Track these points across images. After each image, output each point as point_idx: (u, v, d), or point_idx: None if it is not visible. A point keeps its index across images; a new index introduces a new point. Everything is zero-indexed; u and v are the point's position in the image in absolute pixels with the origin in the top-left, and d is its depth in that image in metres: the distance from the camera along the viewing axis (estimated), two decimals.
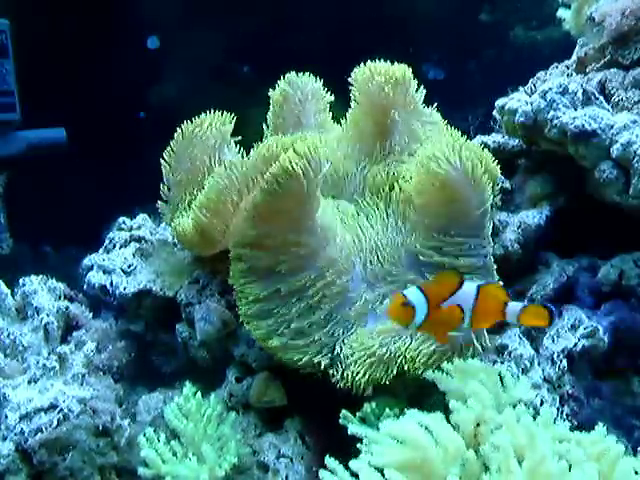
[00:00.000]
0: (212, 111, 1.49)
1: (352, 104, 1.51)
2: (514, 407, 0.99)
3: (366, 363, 1.21)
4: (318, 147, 1.21)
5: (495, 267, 1.29)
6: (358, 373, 1.21)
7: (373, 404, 1.19)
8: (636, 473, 0.89)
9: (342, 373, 1.23)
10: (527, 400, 1.08)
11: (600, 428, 0.97)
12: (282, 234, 1.25)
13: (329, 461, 0.99)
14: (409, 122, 1.46)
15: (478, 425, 0.96)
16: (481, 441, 0.94)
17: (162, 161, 1.49)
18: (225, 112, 1.49)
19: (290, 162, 1.18)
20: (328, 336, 1.25)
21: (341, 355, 1.24)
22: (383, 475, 0.87)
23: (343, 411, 1.19)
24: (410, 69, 1.45)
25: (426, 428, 0.92)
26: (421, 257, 1.28)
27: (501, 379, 1.08)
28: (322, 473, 0.98)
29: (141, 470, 1.20)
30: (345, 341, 1.25)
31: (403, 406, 1.13)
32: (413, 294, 1.07)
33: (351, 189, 1.46)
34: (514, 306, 1.09)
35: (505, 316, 1.09)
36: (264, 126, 1.57)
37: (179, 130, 1.48)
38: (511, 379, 1.09)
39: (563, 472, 0.84)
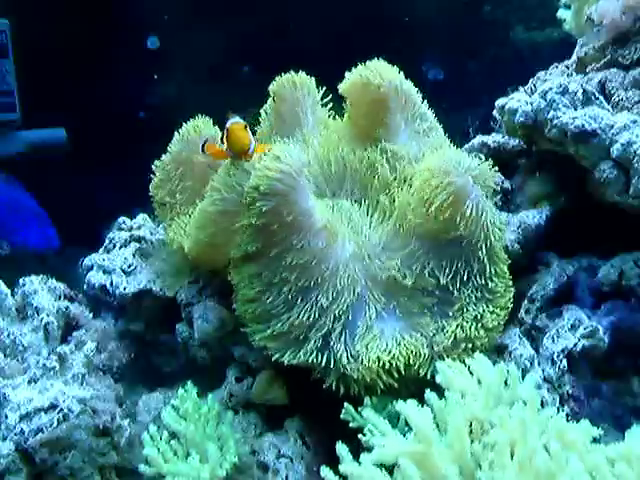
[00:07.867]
0: (210, 111, 1.50)
1: (347, 105, 1.51)
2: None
3: (369, 364, 1.22)
4: (288, 154, 1.20)
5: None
6: (362, 375, 1.22)
7: (374, 400, 1.20)
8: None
9: (344, 376, 1.24)
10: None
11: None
12: (281, 243, 1.24)
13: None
14: (407, 122, 1.47)
15: (471, 424, 0.96)
16: (475, 439, 0.94)
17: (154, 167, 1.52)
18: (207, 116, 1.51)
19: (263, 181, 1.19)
20: (331, 338, 1.25)
21: (344, 357, 1.24)
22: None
23: (346, 404, 1.19)
24: (398, 68, 1.45)
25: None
26: (422, 258, 1.29)
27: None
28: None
29: (142, 468, 1.20)
30: (349, 345, 1.25)
31: None
32: None
33: (351, 189, 1.46)
34: None
35: None
36: (261, 125, 1.57)
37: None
38: (515, 378, 1.09)
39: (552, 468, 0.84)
